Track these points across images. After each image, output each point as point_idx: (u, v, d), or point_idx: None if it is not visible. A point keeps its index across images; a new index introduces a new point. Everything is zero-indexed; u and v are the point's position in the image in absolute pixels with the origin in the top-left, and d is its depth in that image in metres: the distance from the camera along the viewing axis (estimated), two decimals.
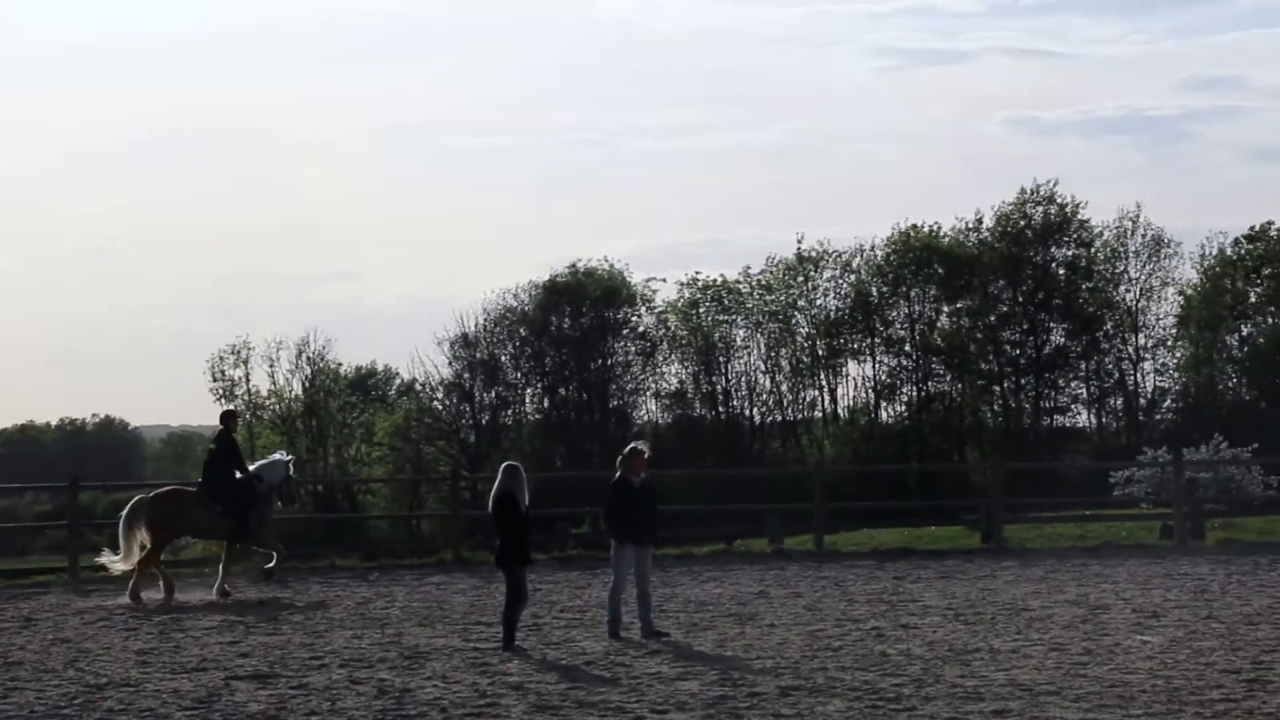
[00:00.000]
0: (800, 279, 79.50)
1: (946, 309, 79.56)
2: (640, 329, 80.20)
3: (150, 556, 27.17)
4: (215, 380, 79.40)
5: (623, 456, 20.79)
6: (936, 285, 78.56)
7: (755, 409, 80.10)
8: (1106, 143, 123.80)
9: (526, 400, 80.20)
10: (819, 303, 79.58)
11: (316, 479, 73.33)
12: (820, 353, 79.49)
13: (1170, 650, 18.44)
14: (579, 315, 79.12)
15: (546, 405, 79.76)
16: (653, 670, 17.69)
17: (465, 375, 78.81)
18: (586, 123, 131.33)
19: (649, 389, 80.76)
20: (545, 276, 79.76)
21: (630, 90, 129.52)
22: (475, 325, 78.71)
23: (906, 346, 79.11)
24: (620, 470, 20.68)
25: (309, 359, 79.33)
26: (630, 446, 21.00)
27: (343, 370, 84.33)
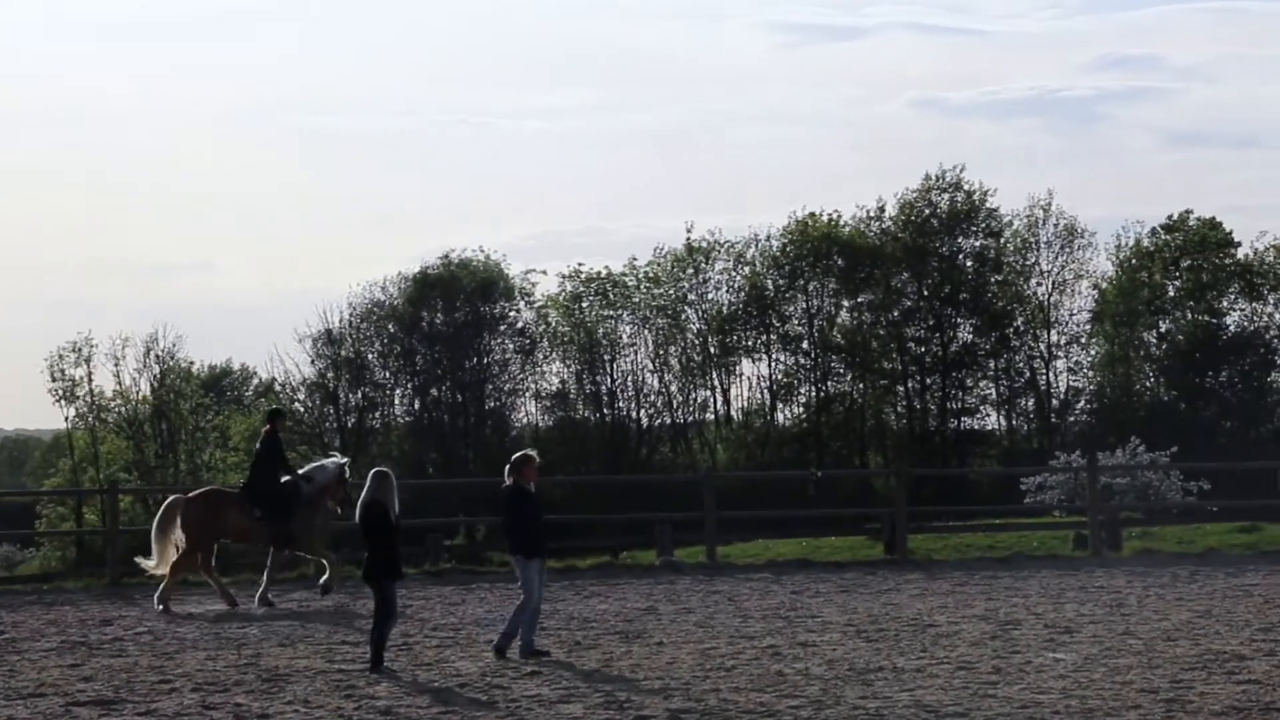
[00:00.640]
0: (690, 271, 79.70)
1: (847, 303, 79.99)
2: (519, 325, 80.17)
3: (201, 564, 27.56)
4: (54, 380, 78.48)
5: (514, 463, 20.80)
6: (836, 278, 78.96)
7: (643, 411, 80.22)
8: (1016, 125, 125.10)
9: (396, 402, 79.97)
10: (710, 297, 79.87)
11: (166, 487, 72.65)
12: (712, 350, 79.73)
13: (1084, 668, 18.63)
14: (452, 310, 78.90)
15: (417, 407, 79.50)
16: (533, 693, 17.67)
17: (329, 375, 78.41)
18: (461, 103, 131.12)
19: (528, 389, 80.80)
20: (416, 268, 79.67)
21: (507, 68, 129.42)
22: (340, 320, 78.42)
23: (804, 344, 79.47)
24: (512, 478, 20.70)
25: (158, 357, 78.60)
26: (521, 453, 21.06)
27: (195, 369, 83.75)
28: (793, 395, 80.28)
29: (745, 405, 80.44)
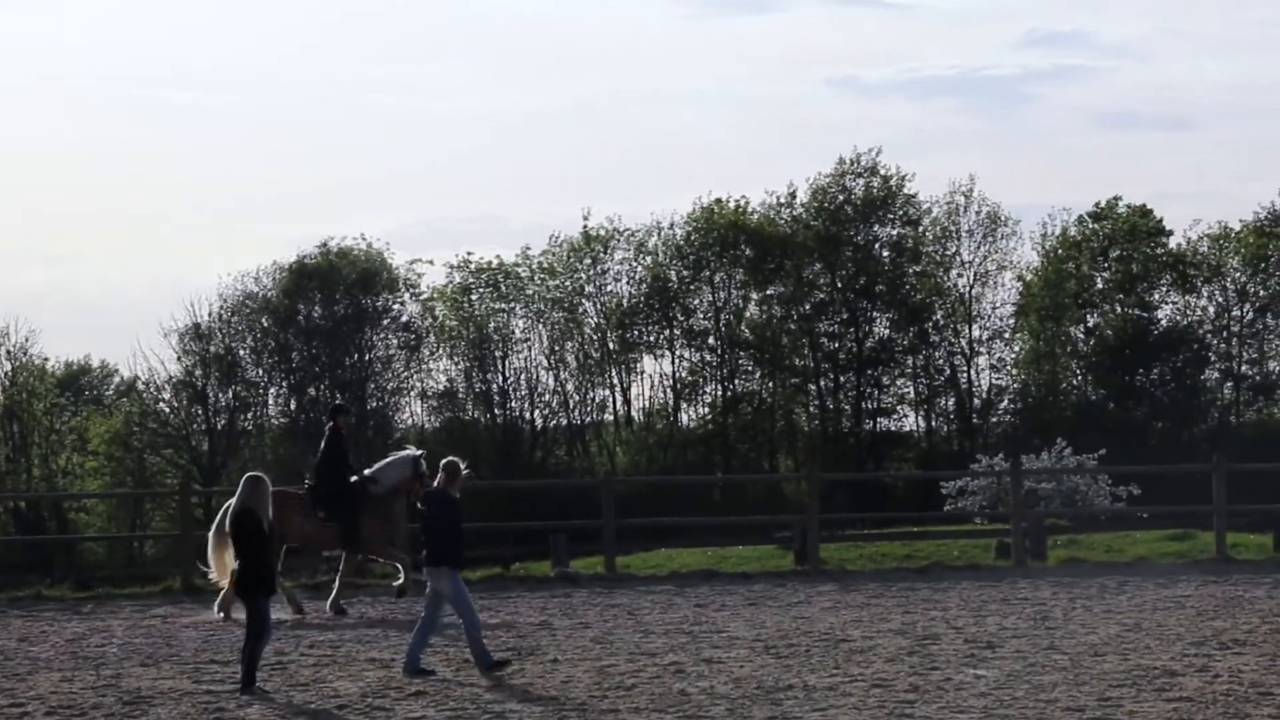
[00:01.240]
0: (588, 262, 79.68)
1: (755, 296, 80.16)
2: (403, 319, 79.85)
3: None
4: None
5: (447, 468, 20.95)
6: (744, 269, 79.10)
7: (537, 411, 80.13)
8: (936, 106, 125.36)
9: (270, 401, 79.50)
10: (609, 289, 79.86)
11: (17, 495, 71.99)
12: (611, 346, 79.71)
13: (1007, 685, 18.76)
14: (331, 303, 78.53)
15: (293, 407, 79.09)
16: (417, 714, 17.63)
17: (197, 372, 77.85)
18: (338, 79, 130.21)
19: (413, 388, 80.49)
20: (291, 258, 79.10)
21: (388, 42, 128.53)
22: (208, 314, 77.82)
23: (710, 339, 79.59)
24: (442, 484, 20.82)
25: (9, 353, 77.82)
26: (449, 459, 21.34)
27: (50, 366, 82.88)
28: (697, 394, 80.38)
29: (647, 405, 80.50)
